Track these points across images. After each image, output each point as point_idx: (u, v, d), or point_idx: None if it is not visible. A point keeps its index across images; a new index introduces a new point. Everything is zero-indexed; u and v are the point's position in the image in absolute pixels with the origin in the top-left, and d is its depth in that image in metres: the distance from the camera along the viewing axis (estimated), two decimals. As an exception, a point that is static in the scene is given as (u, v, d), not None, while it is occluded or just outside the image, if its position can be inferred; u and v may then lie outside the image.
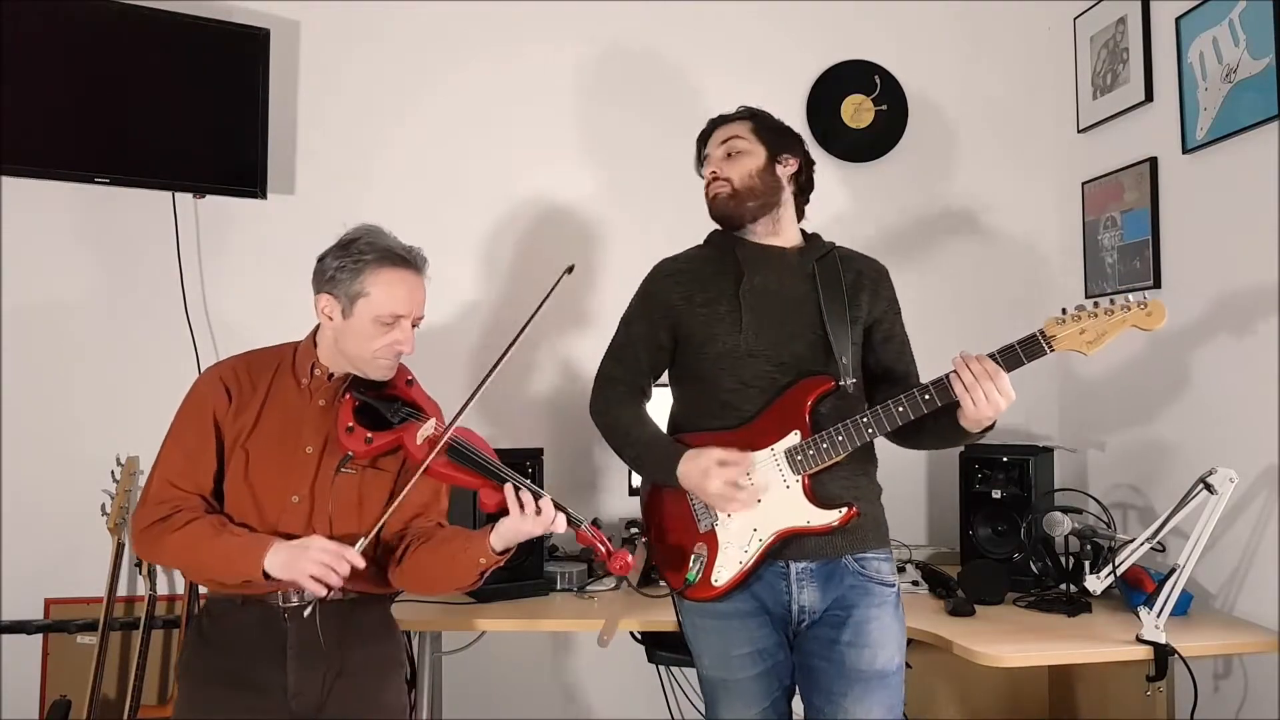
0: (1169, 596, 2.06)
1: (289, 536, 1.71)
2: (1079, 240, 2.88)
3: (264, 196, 2.64)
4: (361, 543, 1.65)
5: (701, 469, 1.78)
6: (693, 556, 1.87)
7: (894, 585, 1.88)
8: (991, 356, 1.71)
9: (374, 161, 2.82)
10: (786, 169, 1.93)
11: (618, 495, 2.83)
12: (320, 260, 1.77)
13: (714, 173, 1.93)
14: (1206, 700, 2.25)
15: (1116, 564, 2.15)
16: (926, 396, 1.74)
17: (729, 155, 1.91)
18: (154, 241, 2.67)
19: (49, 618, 2.56)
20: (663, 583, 2.15)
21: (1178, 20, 2.44)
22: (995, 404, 1.69)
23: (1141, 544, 2.15)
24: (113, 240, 2.66)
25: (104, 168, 2.49)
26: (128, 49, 2.51)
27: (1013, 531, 2.51)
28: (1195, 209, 2.42)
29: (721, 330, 1.87)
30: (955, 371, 1.71)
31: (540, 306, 1.73)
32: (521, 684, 2.86)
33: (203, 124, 2.58)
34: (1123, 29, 2.67)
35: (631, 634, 2.57)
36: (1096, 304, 1.71)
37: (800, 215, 2.00)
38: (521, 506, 1.66)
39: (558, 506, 1.68)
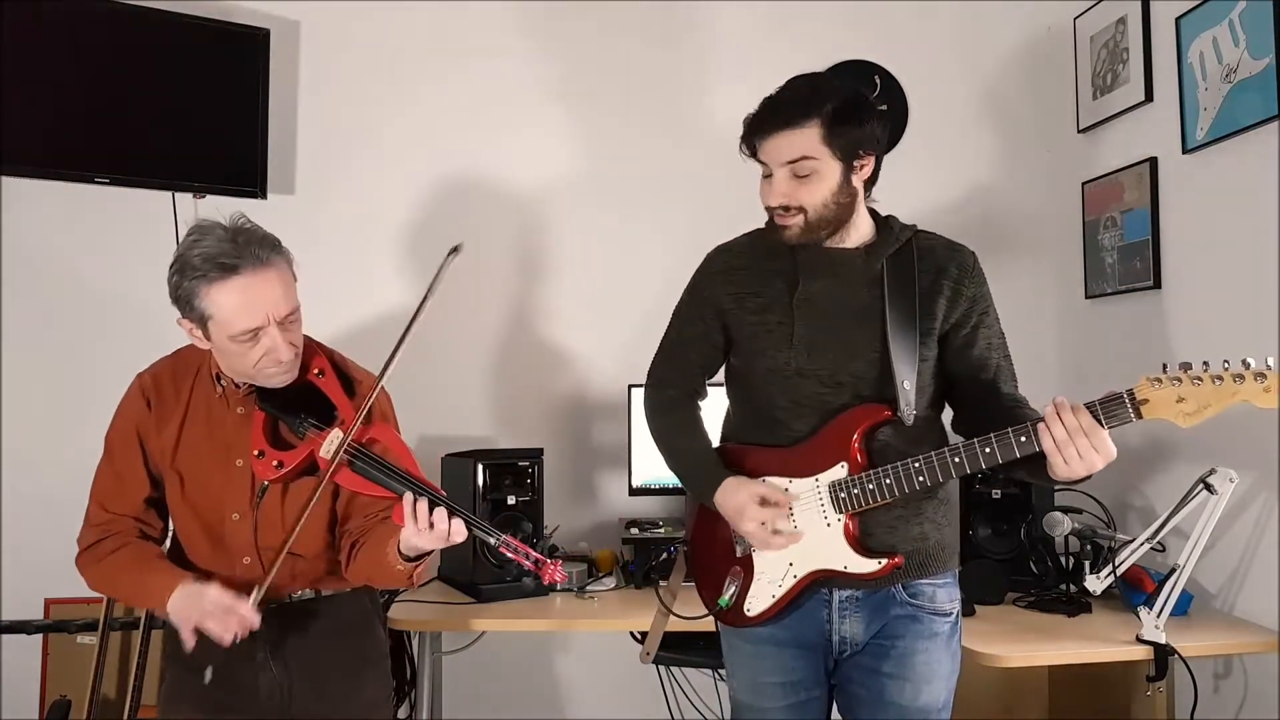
0: (1169, 596, 2.06)
1: (235, 552, 1.70)
2: (1079, 240, 2.88)
3: (264, 196, 2.64)
4: (256, 594, 1.57)
5: (738, 505, 1.64)
6: (728, 580, 1.73)
7: (950, 614, 1.68)
8: (1090, 408, 1.45)
9: (374, 161, 2.82)
10: (862, 173, 1.63)
11: (618, 495, 2.83)
12: (167, 279, 1.61)
13: (783, 205, 1.61)
14: (1206, 700, 2.25)
15: (1116, 564, 2.15)
16: (988, 450, 1.51)
17: (796, 176, 1.59)
18: (154, 241, 2.66)
19: (49, 618, 2.55)
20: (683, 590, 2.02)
21: (1178, 20, 2.44)
22: (1090, 464, 1.44)
23: (1141, 544, 2.15)
24: (113, 240, 2.66)
25: (104, 168, 2.49)
26: (128, 49, 2.51)
27: (1013, 531, 2.51)
28: (1195, 209, 2.42)
29: (771, 344, 1.67)
30: (1044, 423, 1.45)
31: (428, 293, 1.56)
32: (521, 684, 2.86)
33: (203, 124, 2.58)
34: (1123, 29, 2.67)
35: (631, 634, 2.57)
36: (1206, 365, 1.41)
37: (868, 195, 1.72)
38: (416, 519, 1.51)
39: (471, 523, 1.54)
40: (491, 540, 1.54)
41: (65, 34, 2.43)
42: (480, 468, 2.41)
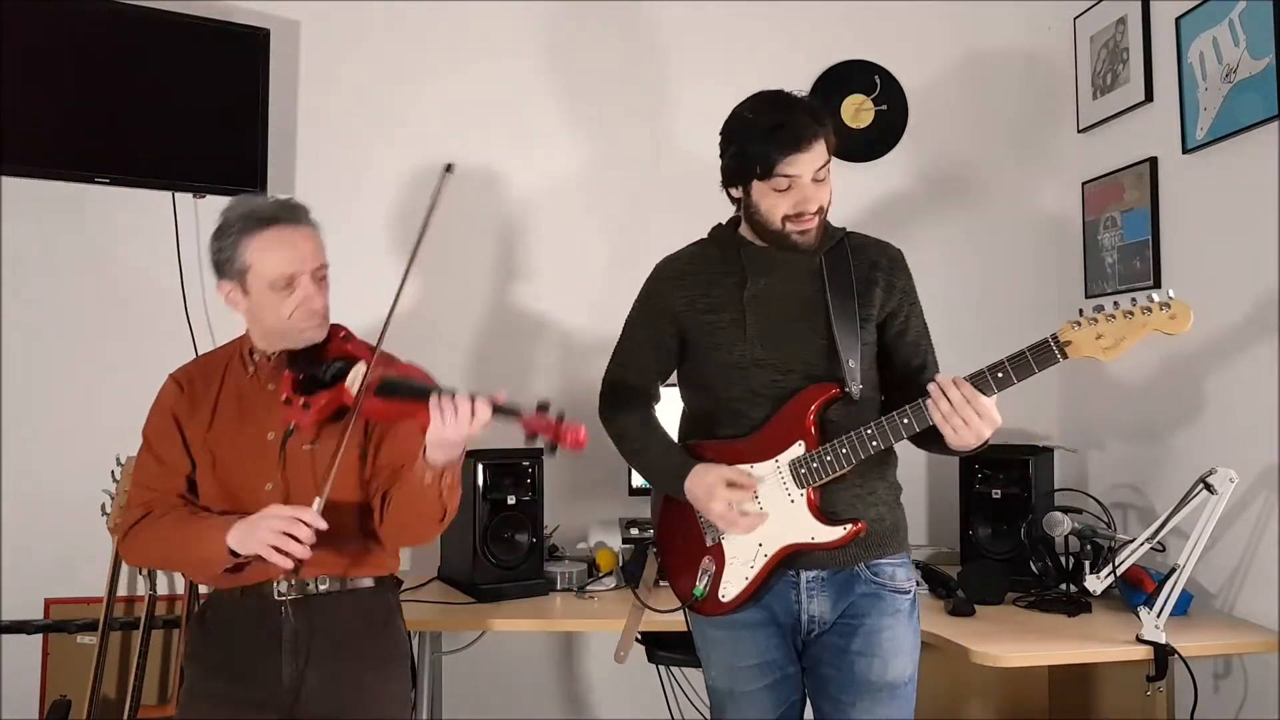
0: (1169, 596, 2.06)
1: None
2: (1079, 240, 2.88)
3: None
4: (318, 502, 1.60)
5: (707, 487, 1.74)
6: (700, 570, 1.82)
7: (909, 592, 1.81)
8: (987, 371, 1.61)
9: (374, 161, 2.82)
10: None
11: (618, 495, 2.82)
12: (210, 251, 1.73)
13: (822, 207, 1.73)
14: (1206, 700, 2.25)
15: (1116, 564, 2.15)
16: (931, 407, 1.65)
17: (816, 181, 1.72)
18: (154, 241, 2.67)
19: (49, 618, 2.56)
20: (656, 588, 2.10)
21: (1178, 20, 2.44)
22: (977, 431, 1.60)
23: (1141, 544, 2.15)
24: (113, 240, 2.66)
25: (104, 168, 2.49)
26: (128, 49, 2.51)
27: (1013, 531, 2.51)
28: (1195, 209, 2.42)
29: (726, 339, 1.80)
30: (930, 399, 1.61)
31: (429, 216, 1.69)
32: (521, 684, 2.86)
33: (203, 124, 2.58)
34: (1123, 29, 2.67)
35: (631, 634, 2.57)
36: (1116, 304, 1.59)
37: None
38: (442, 413, 1.54)
39: (496, 405, 1.55)
40: (518, 413, 1.55)
41: (65, 34, 2.43)
42: (480, 467, 2.41)
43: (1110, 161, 2.73)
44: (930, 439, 1.71)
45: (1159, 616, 2.04)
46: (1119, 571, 2.15)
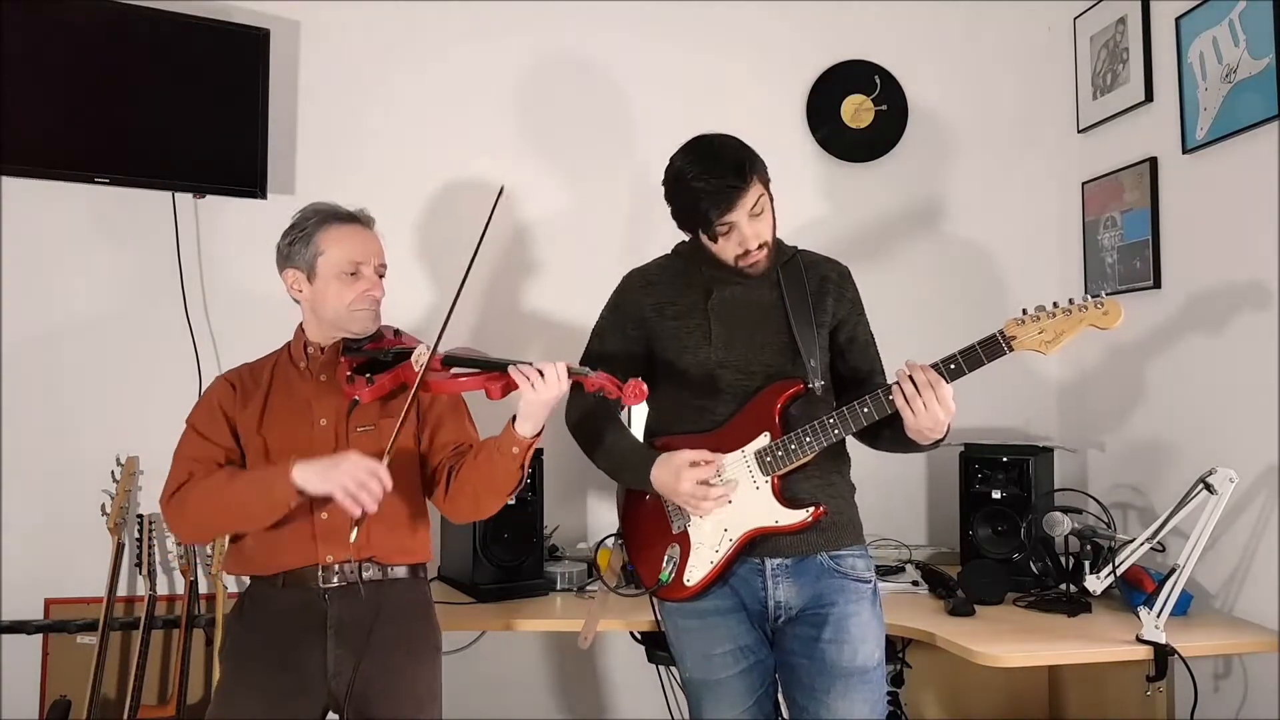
0: (1169, 596, 2.06)
1: (317, 504, 1.76)
2: (1079, 240, 2.88)
3: (264, 196, 2.64)
4: (385, 459, 1.67)
5: (673, 470, 1.82)
6: (665, 557, 1.91)
7: (870, 581, 1.91)
8: (941, 363, 1.72)
9: (374, 161, 2.81)
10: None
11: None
12: (277, 246, 1.87)
13: (763, 242, 1.83)
14: (1206, 700, 2.25)
15: (1116, 564, 2.15)
16: (890, 396, 1.76)
17: (755, 218, 1.81)
18: (154, 241, 2.66)
19: (49, 618, 2.55)
20: (636, 584, 2.18)
21: (1178, 20, 2.44)
22: (934, 415, 1.70)
23: (1141, 544, 2.15)
24: (113, 240, 2.66)
25: (104, 168, 2.49)
26: (128, 49, 2.50)
27: (1013, 531, 2.51)
28: (1195, 209, 2.42)
29: (692, 342, 1.91)
30: (898, 382, 1.73)
31: (483, 235, 1.77)
32: (521, 684, 2.86)
33: (203, 124, 2.58)
34: (1123, 29, 2.67)
35: (631, 634, 2.57)
36: (1055, 304, 1.73)
37: None
38: (530, 380, 1.68)
39: (570, 367, 1.72)
40: (586, 375, 1.70)
41: (65, 34, 2.43)
42: (480, 468, 2.41)
43: (1110, 161, 2.73)
44: (884, 436, 1.86)
45: (1159, 616, 2.04)
46: (1119, 571, 2.15)
